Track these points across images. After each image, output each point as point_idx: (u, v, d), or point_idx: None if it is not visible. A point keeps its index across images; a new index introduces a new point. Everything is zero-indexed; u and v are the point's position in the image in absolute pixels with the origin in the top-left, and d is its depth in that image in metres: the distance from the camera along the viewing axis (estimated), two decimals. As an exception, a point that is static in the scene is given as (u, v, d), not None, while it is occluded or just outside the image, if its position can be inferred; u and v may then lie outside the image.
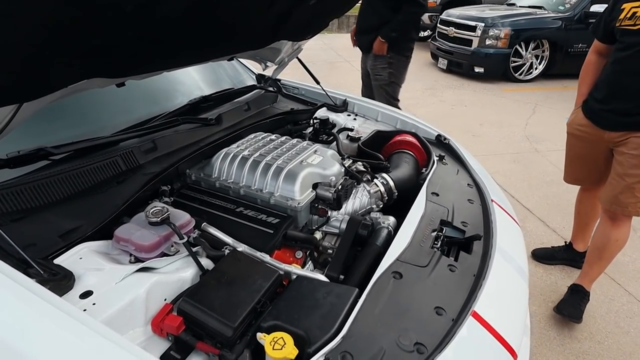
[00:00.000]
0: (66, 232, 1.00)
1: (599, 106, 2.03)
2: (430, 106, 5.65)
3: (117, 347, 0.71)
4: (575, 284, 2.29)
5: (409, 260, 1.14)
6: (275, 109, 1.95)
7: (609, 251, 2.09)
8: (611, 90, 1.96)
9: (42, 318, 0.74)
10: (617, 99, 1.94)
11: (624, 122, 1.93)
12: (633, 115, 1.89)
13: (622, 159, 1.96)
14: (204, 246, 1.11)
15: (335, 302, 0.97)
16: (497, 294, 1.11)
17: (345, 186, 1.37)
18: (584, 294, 2.23)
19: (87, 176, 1.17)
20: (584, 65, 2.17)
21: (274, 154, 1.41)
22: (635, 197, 1.93)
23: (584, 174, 2.29)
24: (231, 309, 0.89)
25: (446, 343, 0.91)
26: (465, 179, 1.72)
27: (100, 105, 1.50)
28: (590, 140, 2.12)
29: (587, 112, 2.10)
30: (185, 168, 1.41)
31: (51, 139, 1.22)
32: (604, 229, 2.08)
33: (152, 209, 1.05)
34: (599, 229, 2.14)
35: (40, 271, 0.84)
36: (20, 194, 1.04)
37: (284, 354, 0.81)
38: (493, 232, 1.37)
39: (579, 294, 2.23)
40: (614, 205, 1.98)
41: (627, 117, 1.91)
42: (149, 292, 0.92)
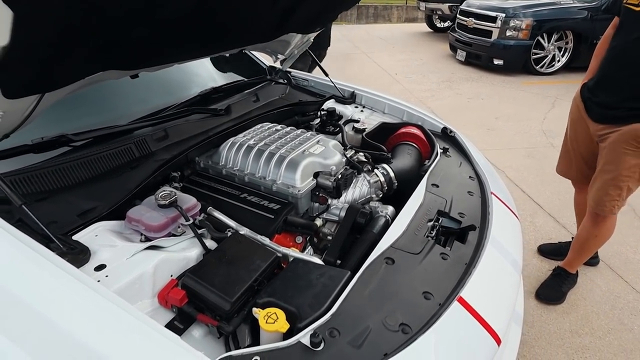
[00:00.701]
0: (84, 211, 1.10)
1: (587, 94, 2.00)
2: (445, 99, 5.60)
3: (127, 314, 0.79)
4: (557, 267, 2.35)
5: (402, 247, 1.20)
6: (283, 100, 2.02)
7: (588, 245, 2.15)
8: (600, 80, 1.94)
9: (61, 286, 0.83)
10: (602, 90, 1.91)
11: (606, 114, 1.89)
12: (617, 108, 1.84)
13: (601, 154, 1.93)
14: (209, 228, 1.19)
15: (327, 283, 1.03)
16: (485, 282, 1.15)
17: (345, 175, 1.43)
18: (565, 276, 2.29)
19: (103, 161, 1.27)
20: (600, 40, 2.07)
21: (278, 143, 1.48)
22: (609, 194, 1.90)
23: (572, 167, 2.25)
24: (230, 286, 0.97)
25: (430, 324, 0.97)
26: (468, 172, 1.75)
27: (118, 95, 1.60)
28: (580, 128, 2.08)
29: (582, 92, 2.05)
30: (195, 156, 1.50)
31: (72, 127, 1.32)
32: (587, 224, 2.11)
33: (161, 192, 1.14)
34: (583, 224, 2.16)
35: (60, 245, 0.93)
36: (43, 176, 1.15)
37: (276, 327, 0.89)
38: (489, 223, 1.40)
39: (559, 277, 2.30)
40: (591, 200, 1.99)
41: (611, 110, 1.86)
42: (157, 267, 1.00)
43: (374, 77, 6.37)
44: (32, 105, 1.01)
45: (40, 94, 1.00)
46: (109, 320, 0.79)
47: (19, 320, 0.84)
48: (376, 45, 8.69)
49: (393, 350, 0.90)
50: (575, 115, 2.11)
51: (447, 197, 1.50)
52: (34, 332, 0.81)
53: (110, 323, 0.78)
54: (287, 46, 2.03)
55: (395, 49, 8.35)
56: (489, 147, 4.01)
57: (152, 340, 0.77)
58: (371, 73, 6.59)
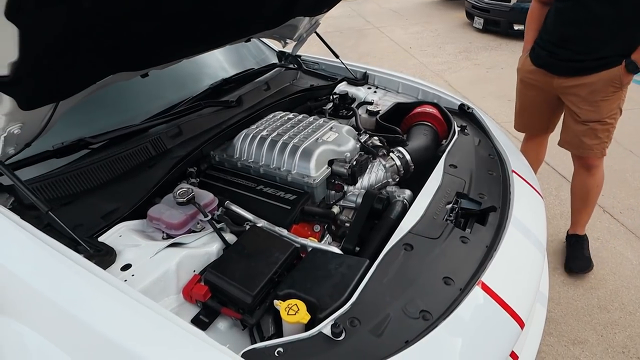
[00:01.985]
0: (107, 213, 1.14)
1: (546, 54, 2.05)
2: (463, 70, 5.41)
3: (155, 313, 0.82)
4: (570, 235, 2.36)
5: (420, 232, 1.19)
6: (295, 86, 2.00)
7: (592, 197, 2.22)
8: (558, 39, 1.99)
9: (90, 288, 0.87)
10: (565, 48, 1.97)
11: (575, 67, 1.96)
12: (583, 61, 1.92)
13: (577, 105, 2.01)
14: (227, 222, 1.21)
15: (346, 272, 1.04)
16: (507, 264, 1.13)
17: (360, 162, 1.41)
18: (581, 240, 2.33)
19: (122, 162, 1.30)
20: (528, 13, 2.21)
21: (291, 132, 1.47)
22: (598, 137, 2.01)
23: (533, 122, 2.34)
24: (250, 279, 0.99)
25: (451, 311, 0.97)
26: (487, 150, 1.70)
27: (130, 94, 1.62)
28: (539, 88, 2.16)
29: (535, 59, 2.12)
30: (210, 150, 1.51)
31: (88, 130, 1.35)
32: (582, 179, 2.20)
33: (178, 190, 1.16)
34: (576, 180, 2.24)
35: (87, 248, 0.97)
36: (67, 181, 1.19)
37: (297, 318, 0.91)
38: (510, 203, 1.37)
39: (578, 244, 2.32)
40: (581, 149, 2.08)
41: (578, 63, 1.95)
42: (179, 264, 1.04)
43: (387, 53, 6.20)
44: (48, 114, 1.04)
45: (55, 103, 1.03)
46: (139, 320, 0.82)
47: (55, 322, 0.89)
48: (389, 19, 8.41)
49: (414, 338, 0.90)
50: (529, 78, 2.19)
51: (466, 177, 1.47)
52: (70, 334, 0.86)
53: (139, 323, 0.82)
54: (295, 30, 1.99)
55: (408, 22, 8.07)
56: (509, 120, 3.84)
57: (180, 337, 0.80)
58: (385, 48, 6.42)
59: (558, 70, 2.03)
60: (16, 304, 0.96)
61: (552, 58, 2.02)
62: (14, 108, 0.93)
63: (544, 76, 2.10)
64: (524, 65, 2.20)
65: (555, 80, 2.06)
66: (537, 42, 2.12)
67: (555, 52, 2.01)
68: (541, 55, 2.08)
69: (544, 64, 2.08)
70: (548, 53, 2.04)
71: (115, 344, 0.80)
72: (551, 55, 2.03)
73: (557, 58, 2.01)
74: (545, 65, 2.08)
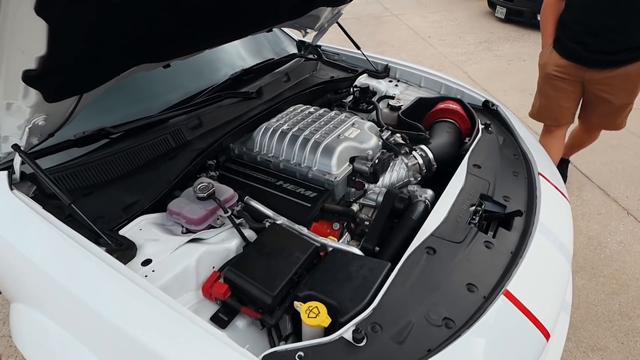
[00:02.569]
0: (127, 205, 1.13)
1: (578, 46, 2.02)
2: (483, 62, 5.26)
3: (176, 313, 0.82)
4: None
5: (443, 235, 1.16)
6: (315, 78, 1.95)
7: (579, 149, 2.69)
8: (593, 30, 1.95)
9: (111, 283, 0.87)
10: (601, 38, 1.94)
11: (610, 60, 1.97)
12: (620, 52, 1.94)
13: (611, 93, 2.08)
14: (247, 219, 1.20)
15: (367, 275, 1.02)
16: (533, 273, 1.10)
17: (382, 160, 1.38)
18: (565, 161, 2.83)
19: (142, 153, 1.29)
20: (544, 5, 2.18)
21: (312, 127, 1.44)
22: (623, 116, 2.22)
23: (560, 114, 2.33)
24: (270, 279, 0.98)
25: (475, 320, 0.94)
26: (512, 149, 1.65)
27: (151, 84, 1.60)
28: (568, 81, 2.16)
29: (565, 52, 2.10)
30: (229, 142, 1.49)
31: (109, 119, 1.34)
32: (583, 138, 2.55)
33: (199, 184, 1.14)
34: (577, 136, 2.58)
35: (108, 241, 0.97)
36: (88, 171, 1.18)
37: (318, 322, 0.89)
38: (536, 207, 1.33)
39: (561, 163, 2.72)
40: (607, 127, 2.30)
41: (613, 56, 1.96)
42: (199, 260, 1.03)
43: (405, 42, 6.05)
44: (72, 105, 1.03)
45: (79, 95, 1.01)
46: (159, 319, 0.82)
47: (75, 314, 0.89)
48: (407, 6, 8.20)
49: (437, 347, 0.88)
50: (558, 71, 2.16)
51: (490, 178, 1.43)
52: (90, 327, 0.86)
53: (160, 322, 0.82)
54: (316, 20, 1.94)
55: (427, 9, 7.86)
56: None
57: (201, 337, 0.79)
58: (403, 37, 6.27)
59: (592, 63, 2.01)
60: (37, 294, 0.97)
61: (586, 51, 1.99)
62: (39, 100, 0.93)
63: (575, 69, 2.08)
64: (551, 59, 2.16)
65: (588, 73, 2.05)
66: (563, 34, 2.08)
67: (589, 44, 1.97)
68: (572, 48, 2.05)
69: (576, 57, 2.05)
70: (581, 45, 2.00)
71: (135, 341, 0.80)
72: (585, 48, 1.99)
73: (590, 50, 1.98)
74: (578, 59, 2.04)
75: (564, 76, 2.13)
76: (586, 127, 2.46)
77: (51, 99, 0.95)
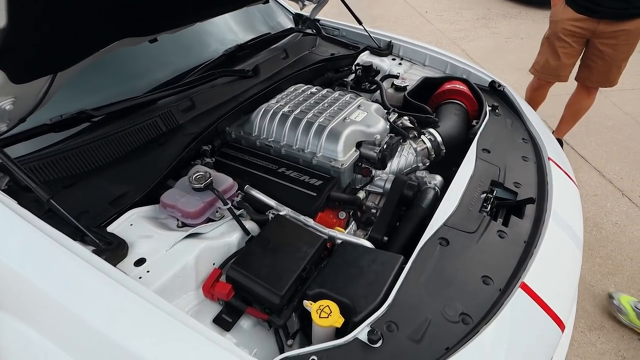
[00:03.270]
0: (115, 198, 1.02)
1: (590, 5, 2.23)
2: (481, 39, 5.14)
3: (177, 322, 0.74)
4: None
5: (456, 225, 1.10)
6: (314, 54, 1.83)
7: (582, 114, 2.80)
8: None
9: (101, 289, 0.78)
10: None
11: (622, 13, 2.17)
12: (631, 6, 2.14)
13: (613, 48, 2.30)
14: (248, 210, 1.11)
15: (380, 270, 0.96)
16: (548, 263, 1.05)
17: (391, 144, 1.30)
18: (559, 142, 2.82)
19: (129, 139, 1.17)
20: None
21: (316, 110, 1.34)
22: (620, 69, 2.42)
23: (564, 69, 2.54)
24: (277, 277, 0.91)
25: (492, 315, 0.89)
26: (521, 133, 1.58)
27: (135, 61, 1.46)
28: (579, 35, 2.36)
29: (579, 7, 2.28)
30: (225, 126, 1.38)
31: (89, 101, 1.21)
32: (581, 99, 2.69)
33: (195, 174, 1.04)
34: (575, 100, 2.74)
35: (95, 240, 0.87)
36: (68, 159, 1.07)
37: (330, 322, 0.83)
38: (548, 194, 1.28)
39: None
40: (604, 84, 2.49)
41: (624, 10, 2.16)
42: (198, 258, 0.94)
43: (402, 17, 5.86)
44: (44, 86, 0.90)
45: (52, 75, 0.88)
46: (160, 330, 0.74)
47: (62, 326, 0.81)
48: (402, -21, 7.94)
49: (455, 344, 0.84)
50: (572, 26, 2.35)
51: (500, 164, 1.37)
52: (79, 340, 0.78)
53: (161, 332, 0.74)
54: (316, -9, 1.80)
55: (423, -17, 7.62)
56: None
57: (208, 349, 0.72)
58: (399, 12, 6.06)
59: (606, 15, 2.20)
60: (16, 302, 0.88)
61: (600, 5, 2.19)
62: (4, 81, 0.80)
63: (588, 22, 2.27)
64: (564, 14, 2.35)
65: (600, 26, 2.25)
66: None
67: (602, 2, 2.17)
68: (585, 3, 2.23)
69: (590, 10, 2.23)
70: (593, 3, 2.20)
71: (134, 356, 0.72)
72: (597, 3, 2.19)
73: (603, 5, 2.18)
74: (592, 12, 2.23)
75: (577, 30, 2.32)
76: (584, 88, 2.63)
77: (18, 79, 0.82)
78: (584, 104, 2.72)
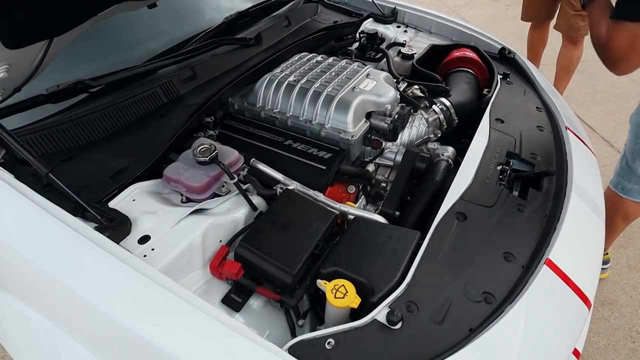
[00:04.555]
0: (116, 172, 0.96)
1: None
2: (481, 7, 4.98)
3: (183, 301, 0.69)
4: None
5: (473, 199, 1.05)
6: (317, 22, 1.73)
7: (573, 67, 2.87)
8: None
9: (105, 267, 0.73)
10: None
11: None
12: None
13: None
14: (255, 184, 1.05)
15: (396, 247, 0.91)
16: (572, 238, 1.01)
17: (402, 115, 1.23)
18: None
19: (128, 110, 1.10)
20: None
21: (323, 79, 1.26)
22: (585, 21, 2.51)
23: (540, 11, 2.81)
24: (289, 255, 0.86)
25: (517, 293, 0.85)
26: (534, 102, 1.52)
27: (132, 27, 1.37)
28: None
29: None
30: (228, 96, 1.31)
31: (86, 71, 1.13)
32: (568, 51, 2.82)
33: (199, 147, 0.98)
34: (563, 53, 2.86)
35: (97, 216, 0.82)
36: (65, 131, 1.00)
37: (346, 302, 0.79)
38: (568, 165, 1.22)
39: None
40: (571, 30, 2.65)
41: None
42: (205, 235, 0.89)
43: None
44: (40, 52, 0.83)
45: (48, 40, 0.81)
46: (168, 311, 0.69)
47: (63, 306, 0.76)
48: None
49: (479, 325, 0.80)
50: None
51: (515, 134, 1.31)
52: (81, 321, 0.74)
53: (169, 314, 0.69)
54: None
55: (422, -50, 7.33)
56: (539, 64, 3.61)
57: (219, 332, 0.67)
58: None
59: None
60: (16, 281, 0.83)
61: None
62: (-3, 47, 0.72)
63: None
64: None
65: None
66: None
67: None
68: None
69: None
70: None
71: (142, 340, 0.67)
72: None
73: None
74: None
75: None
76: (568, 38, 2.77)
77: (12, 44, 0.75)
78: (572, 56, 2.81)
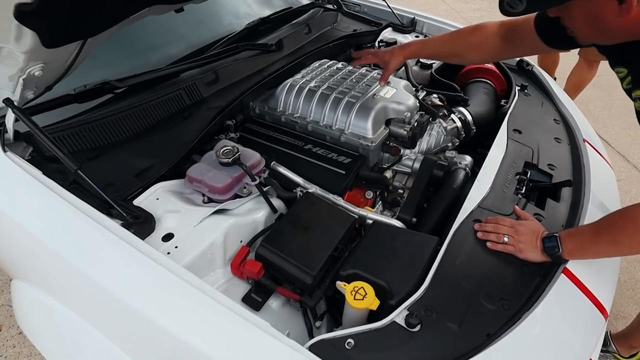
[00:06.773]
0: (140, 171, 0.99)
1: None
2: (497, 19, 4.97)
3: (208, 298, 0.71)
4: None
5: (491, 207, 1.06)
6: (336, 30, 1.76)
7: (583, 86, 2.87)
8: None
9: (130, 263, 0.75)
10: None
11: None
12: None
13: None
14: (275, 187, 1.07)
15: (414, 251, 0.92)
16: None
17: (421, 123, 1.24)
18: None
19: (153, 111, 1.13)
20: None
21: (343, 86, 1.28)
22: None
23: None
24: (310, 256, 0.87)
25: (534, 301, 0.86)
26: (551, 114, 1.52)
27: (157, 32, 1.41)
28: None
29: None
30: (249, 100, 1.33)
31: (113, 72, 1.17)
32: (581, 71, 2.79)
33: (222, 148, 1.00)
34: (576, 72, 2.84)
35: (122, 213, 0.84)
36: (91, 131, 1.03)
37: (365, 304, 0.79)
38: (585, 177, 1.22)
39: None
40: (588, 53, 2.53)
41: None
42: (226, 235, 0.91)
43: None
44: (74, 52, 0.86)
45: (82, 40, 0.84)
46: (192, 307, 0.71)
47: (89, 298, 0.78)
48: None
49: (496, 330, 0.80)
50: None
51: (533, 145, 1.31)
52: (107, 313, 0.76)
53: (195, 312, 0.71)
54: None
55: (437, -38, 7.38)
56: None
57: (243, 329, 0.69)
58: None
59: None
60: (42, 273, 0.85)
61: None
62: (35, 45, 0.76)
63: None
64: None
65: None
66: None
67: None
68: None
69: None
70: None
71: (166, 333, 0.69)
72: None
73: None
74: None
75: None
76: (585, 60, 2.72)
77: (50, 43, 0.78)
78: (585, 77, 2.78)
